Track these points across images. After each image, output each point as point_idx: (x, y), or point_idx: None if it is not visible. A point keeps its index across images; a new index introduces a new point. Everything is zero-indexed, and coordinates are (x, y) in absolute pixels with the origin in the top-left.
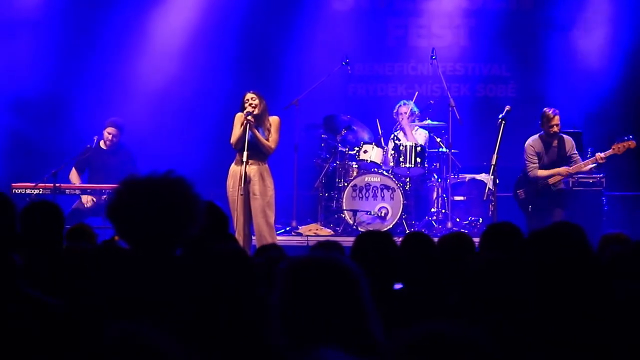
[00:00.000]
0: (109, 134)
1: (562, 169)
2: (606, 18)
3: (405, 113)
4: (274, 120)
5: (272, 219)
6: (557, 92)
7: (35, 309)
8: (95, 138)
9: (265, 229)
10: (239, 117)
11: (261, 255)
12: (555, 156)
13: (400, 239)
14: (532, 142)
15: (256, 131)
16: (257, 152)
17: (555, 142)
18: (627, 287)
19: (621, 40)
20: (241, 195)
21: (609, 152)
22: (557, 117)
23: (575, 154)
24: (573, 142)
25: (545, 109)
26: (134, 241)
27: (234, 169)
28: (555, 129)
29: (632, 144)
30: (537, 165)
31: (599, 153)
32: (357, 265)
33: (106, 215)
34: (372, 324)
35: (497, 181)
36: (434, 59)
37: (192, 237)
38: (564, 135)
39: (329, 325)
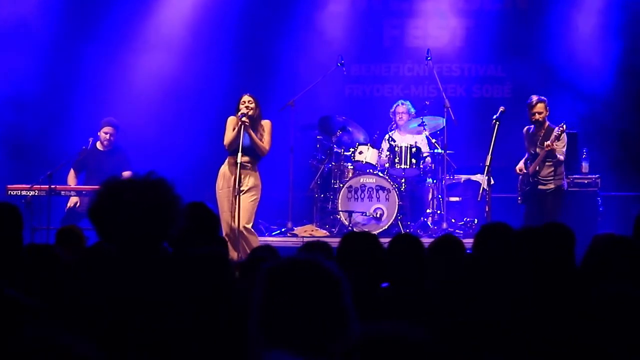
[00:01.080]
0: (106, 133)
1: (519, 165)
2: (601, 19)
3: (403, 112)
4: (266, 124)
5: (251, 222)
6: (553, 92)
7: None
8: (91, 140)
9: (249, 230)
10: (232, 120)
11: (254, 256)
12: (539, 146)
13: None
14: (525, 129)
15: (251, 132)
16: (251, 155)
17: (541, 133)
18: (605, 290)
19: (616, 40)
20: (235, 195)
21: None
22: (539, 105)
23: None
24: (555, 134)
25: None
26: (115, 242)
27: (224, 170)
28: (537, 116)
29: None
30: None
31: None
32: (338, 267)
33: (87, 217)
34: (351, 326)
35: (492, 182)
36: (429, 59)
37: (180, 238)
38: (554, 127)
39: (307, 327)
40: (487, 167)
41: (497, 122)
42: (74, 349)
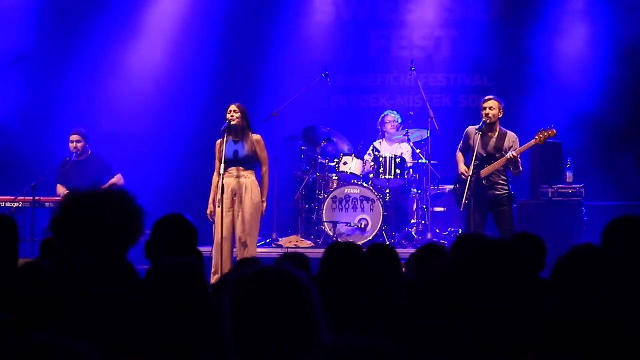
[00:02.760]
0: (72, 142)
1: (463, 167)
2: (588, 30)
3: (392, 122)
4: (258, 141)
5: (255, 233)
6: (538, 102)
7: None
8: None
9: (248, 242)
10: (218, 145)
11: (238, 268)
12: (492, 149)
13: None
14: (470, 128)
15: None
16: (244, 164)
17: (494, 135)
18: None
19: (602, 51)
20: (218, 207)
21: (531, 143)
22: (489, 102)
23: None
24: (516, 141)
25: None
26: (78, 254)
27: (217, 181)
28: (488, 111)
29: (552, 132)
30: (460, 148)
31: (511, 152)
32: (308, 278)
33: (50, 230)
34: (322, 337)
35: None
36: (413, 70)
37: (157, 250)
38: (509, 132)
39: (276, 337)
40: (469, 177)
41: (480, 133)
42: (80, 353)
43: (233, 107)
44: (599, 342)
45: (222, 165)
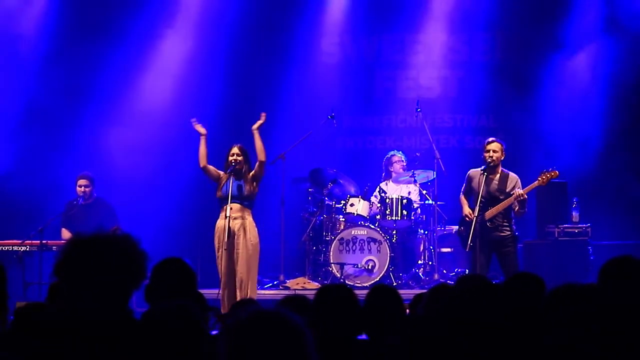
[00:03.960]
0: (80, 186)
1: (467, 209)
2: (591, 69)
3: (398, 162)
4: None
5: (253, 273)
6: (545, 142)
7: None
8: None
9: (246, 283)
10: (224, 177)
11: (235, 310)
12: (494, 191)
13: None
14: (472, 171)
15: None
16: (244, 201)
17: (496, 177)
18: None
19: (606, 88)
20: (225, 250)
21: (534, 184)
22: (492, 144)
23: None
24: (518, 182)
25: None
26: (81, 298)
27: (219, 224)
28: (492, 154)
29: (555, 173)
30: (462, 191)
31: (518, 189)
32: (302, 320)
33: (54, 274)
34: None
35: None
36: (419, 111)
37: (155, 294)
38: (510, 173)
39: None
40: (475, 218)
41: (485, 174)
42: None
43: (235, 150)
44: None
45: (229, 207)
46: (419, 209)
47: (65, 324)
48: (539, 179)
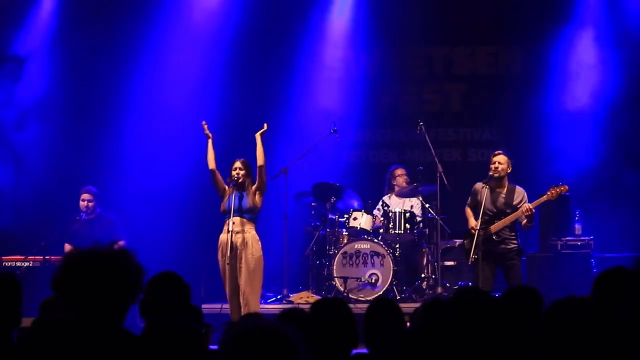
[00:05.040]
0: (83, 200)
1: (473, 222)
2: (596, 82)
3: (401, 175)
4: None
5: (257, 287)
6: (548, 154)
7: None
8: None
9: (249, 298)
10: (227, 191)
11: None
12: (501, 205)
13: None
14: (477, 184)
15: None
16: (246, 213)
17: (503, 190)
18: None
19: (609, 101)
20: (228, 264)
21: (542, 198)
22: (498, 157)
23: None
24: (524, 195)
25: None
26: (79, 312)
27: (222, 238)
28: (497, 165)
29: (565, 188)
30: (468, 204)
31: (526, 204)
32: (296, 334)
33: (51, 289)
34: None
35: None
36: (421, 124)
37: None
38: (517, 187)
39: None
40: (477, 231)
41: (487, 187)
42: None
43: (238, 164)
44: None
45: (232, 222)
46: (421, 223)
47: (63, 338)
48: (548, 193)
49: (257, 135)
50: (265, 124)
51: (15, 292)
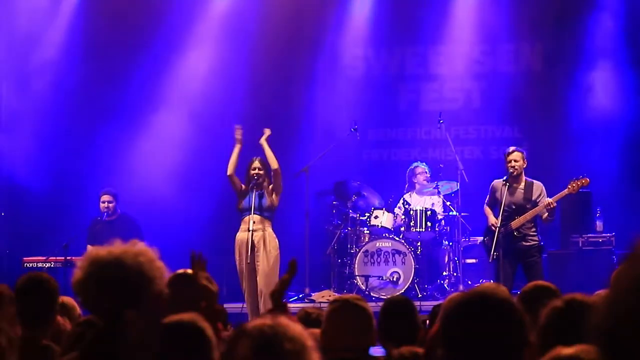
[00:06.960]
0: (103, 202)
1: (493, 219)
2: (617, 75)
3: (421, 173)
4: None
5: (274, 284)
6: (570, 152)
7: None
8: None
9: (266, 296)
10: (245, 190)
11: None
12: (520, 200)
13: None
14: (495, 181)
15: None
16: (265, 212)
17: (520, 186)
18: None
19: (630, 98)
20: (247, 263)
21: (564, 192)
22: (513, 154)
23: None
24: (543, 189)
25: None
26: (99, 313)
27: (239, 237)
28: (514, 164)
29: (586, 181)
30: (486, 202)
31: (547, 198)
32: (305, 332)
33: (72, 290)
34: None
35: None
36: (442, 122)
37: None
38: (534, 181)
39: None
40: (497, 228)
41: (507, 184)
42: None
43: (257, 164)
44: None
45: (252, 221)
46: (443, 221)
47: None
48: (569, 187)
49: (263, 142)
50: (265, 129)
51: (52, 294)
